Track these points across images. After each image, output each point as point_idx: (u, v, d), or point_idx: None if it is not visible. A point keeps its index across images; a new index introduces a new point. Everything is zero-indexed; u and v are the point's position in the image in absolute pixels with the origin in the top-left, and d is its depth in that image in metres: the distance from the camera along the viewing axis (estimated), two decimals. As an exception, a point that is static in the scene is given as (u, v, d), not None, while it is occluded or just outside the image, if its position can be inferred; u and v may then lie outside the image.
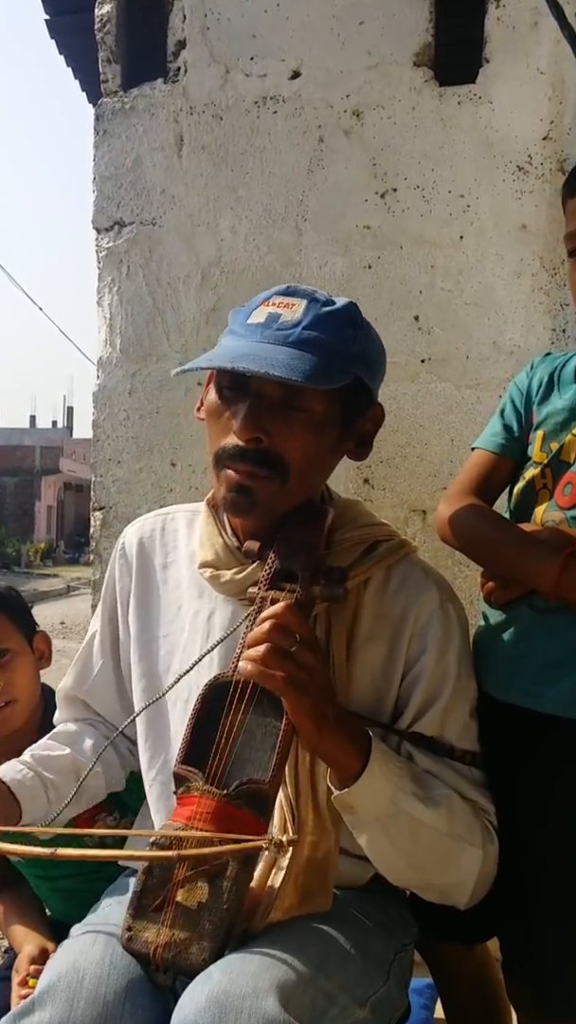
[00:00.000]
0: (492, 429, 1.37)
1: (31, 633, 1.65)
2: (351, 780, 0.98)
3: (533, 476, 1.27)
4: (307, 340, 1.05)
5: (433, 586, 1.15)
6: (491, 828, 1.09)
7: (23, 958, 1.43)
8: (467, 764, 1.11)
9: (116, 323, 2.26)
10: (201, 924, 0.92)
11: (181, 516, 1.28)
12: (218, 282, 2.20)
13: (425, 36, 2.09)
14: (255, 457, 1.05)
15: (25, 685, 1.58)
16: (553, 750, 1.19)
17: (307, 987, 0.91)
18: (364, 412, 1.15)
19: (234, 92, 2.18)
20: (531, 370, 1.35)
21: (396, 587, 1.14)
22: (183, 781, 0.98)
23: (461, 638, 1.16)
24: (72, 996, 0.93)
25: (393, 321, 2.11)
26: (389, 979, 1.05)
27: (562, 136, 2.04)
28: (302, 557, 1.04)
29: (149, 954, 0.94)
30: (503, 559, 1.24)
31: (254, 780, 0.94)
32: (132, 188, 2.25)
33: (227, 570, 1.13)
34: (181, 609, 1.21)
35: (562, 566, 1.13)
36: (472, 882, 1.07)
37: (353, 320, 1.11)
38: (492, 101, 2.06)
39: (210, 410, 1.11)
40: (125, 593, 1.27)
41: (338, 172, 2.13)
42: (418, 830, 1.01)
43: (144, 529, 1.29)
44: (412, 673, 1.12)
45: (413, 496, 2.12)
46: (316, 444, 1.08)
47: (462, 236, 2.08)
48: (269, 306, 1.08)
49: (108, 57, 2.28)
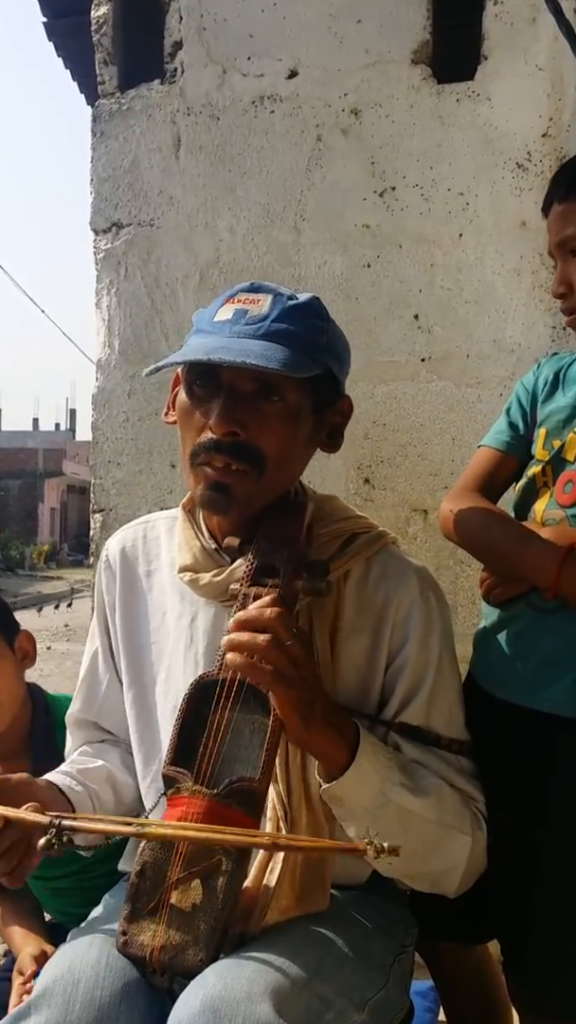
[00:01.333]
0: (498, 427, 1.38)
1: (12, 635, 1.63)
2: (339, 772, 0.98)
3: (534, 473, 1.27)
4: (278, 332, 1.05)
5: (413, 575, 1.15)
6: (479, 815, 1.09)
7: (25, 958, 1.43)
8: (454, 752, 1.11)
9: (115, 325, 2.26)
10: (196, 926, 0.91)
11: (161, 523, 1.28)
12: (217, 283, 2.19)
13: (423, 34, 2.08)
14: (232, 449, 1.05)
15: (6, 688, 1.56)
16: (551, 749, 1.19)
17: (302, 991, 0.91)
18: (334, 403, 1.15)
19: (231, 92, 2.18)
20: (538, 368, 1.37)
21: (376, 578, 1.15)
22: (172, 782, 0.97)
23: (443, 626, 1.16)
24: (68, 999, 0.92)
25: (393, 320, 2.10)
26: (389, 981, 1.05)
27: (561, 133, 2.03)
28: (283, 552, 1.03)
29: (145, 957, 0.93)
30: (503, 556, 1.24)
31: (244, 778, 0.93)
32: (130, 189, 2.25)
33: (206, 573, 1.13)
34: (166, 615, 1.21)
35: (561, 562, 1.13)
36: (462, 869, 1.07)
37: (319, 313, 1.12)
38: (491, 98, 2.05)
39: (182, 410, 1.11)
40: (112, 603, 1.26)
41: (336, 171, 2.13)
42: (407, 820, 1.01)
43: (126, 539, 1.28)
44: (396, 663, 1.12)
45: (414, 495, 2.11)
46: (292, 435, 1.09)
47: (461, 234, 2.07)
48: (235, 303, 1.09)
49: (105, 59, 2.28)
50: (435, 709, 1.11)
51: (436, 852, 1.06)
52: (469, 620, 1.78)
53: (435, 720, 1.11)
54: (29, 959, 1.42)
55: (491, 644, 1.26)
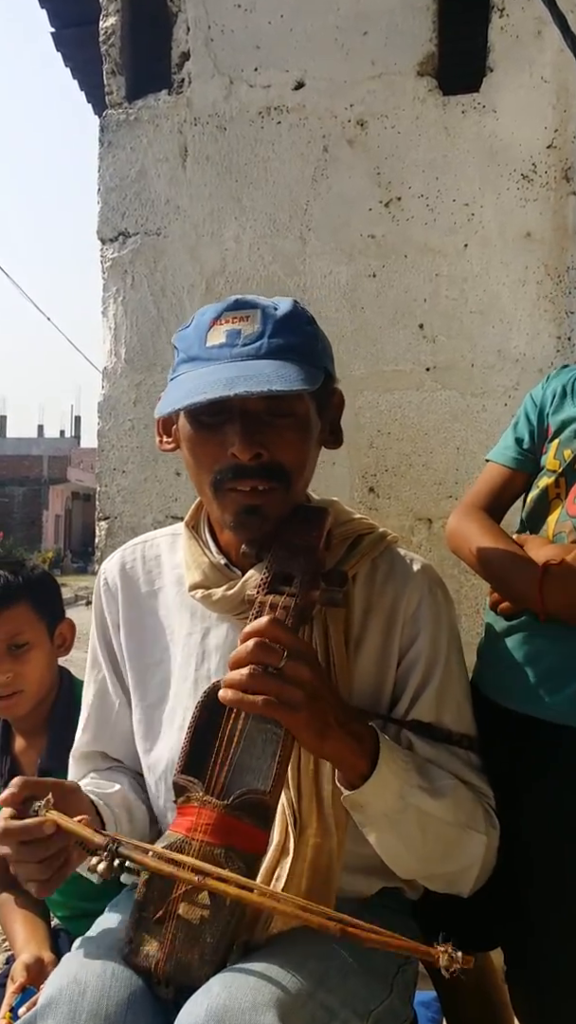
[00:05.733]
0: (505, 442, 1.38)
1: (56, 621, 1.64)
2: (360, 781, 0.98)
3: (547, 485, 1.27)
4: (280, 347, 1.05)
5: (419, 572, 1.16)
6: (491, 811, 1.10)
7: (18, 966, 1.44)
8: (464, 748, 1.12)
9: (121, 333, 2.26)
10: (202, 937, 0.91)
11: (161, 540, 1.27)
12: (223, 292, 2.20)
13: (429, 46, 2.10)
14: (259, 471, 1.05)
15: (35, 677, 1.58)
16: (554, 757, 1.19)
17: (307, 1001, 0.91)
18: (331, 400, 1.17)
19: (238, 103, 2.19)
20: (546, 382, 1.38)
21: (383, 578, 1.16)
22: (182, 791, 0.97)
23: (449, 621, 1.17)
24: (74, 1010, 0.92)
25: (398, 329, 2.11)
26: (392, 992, 1.05)
27: (566, 144, 2.04)
28: (301, 560, 1.03)
29: (150, 968, 0.93)
30: (498, 579, 1.26)
31: (254, 790, 0.93)
32: (137, 199, 2.26)
33: (217, 588, 1.13)
34: (173, 634, 1.20)
35: (540, 581, 1.14)
36: (477, 867, 1.08)
37: (305, 318, 1.12)
38: (496, 110, 2.06)
39: (191, 442, 1.10)
40: (116, 623, 1.25)
41: (342, 181, 2.14)
42: (426, 822, 1.02)
43: (125, 559, 1.27)
44: (407, 659, 1.13)
45: (419, 504, 2.12)
46: (307, 444, 1.10)
47: (466, 244, 2.08)
48: (224, 323, 1.07)
49: (113, 69, 2.29)
50: (445, 704, 1.12)
51: (453, 852, 1.06)
52: (473, 629, 1.78)
53: (445, 715, 1.12)
54: (21, 968, 1.43)
55: (495, 653, 1.26)
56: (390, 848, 1.05)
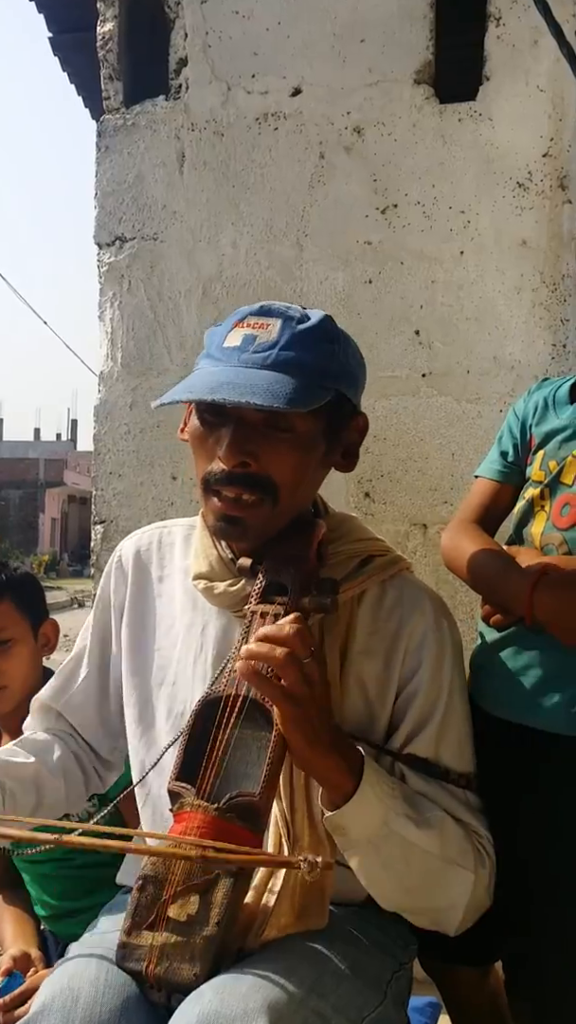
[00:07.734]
0: (490, 456, 1.40)
1: (39, 620, 1.65)
2: (342, 800, 0.97)
3: (533, 496, 1.28)
4: (285, 361, 1.03)
5: (428, 603, 1.15)
6: (484, 852, 1.07)
7: (5, 959, 1.47)
8: (462, 787, 1.09)
9: (117, 338, 2.27)
10: (192, 940, 0.91)
11: (178, 530, 1.27)
12: (219, 297, 2.20)
13: (426, 54, 2.11)
14: (244, 480, 1.04)
15: (19, 674, 1.60)
16: (547, 767, 1.19)
17: (299, 1007, 0.90)
18: (348, 423, 1.13)
19: (235, 109, 2.20)
20: (528, 395, 1.39)
21: (392, 603, 1.14)
22: (177, 798, 0.97)
23: (455, 656, 1.15)
24: (67, 1016, 0.92)
25: (394, 336, 2.12)
26: (386, 999, 1.04)
27: (562, 153, 2.05)
28: (291, 570, 1.03)
29: (141, 971, 0.93)
30: (490, 587, 1.26)
31: (244, 793, 0.93)
32: (134, 204, 2.26)
33: (221, 582, 1.12)
34: (175, 623, 1.20)
35: (531, 590, 1.14)
36: (463, 907, 1.05)
37: (329, 335, 1.09)
38: (492, 118, 2.08)
39: (194, 435, 1.10)
40: (120, 605, 1.26)
41: (339, 188, 2.15)
42: (410, 852, 1.00)
43: (141, 541, 1.28)
44: (407, 691, 1.11)
45: (414, 510, 2.12)
46: (304, 462, 1.07)
47: (462, 251, 2.09)
48: (244, 327, 1.06)
49: (110, 74, 2.30)
50: (445, 741, 1.10)
51: (437, 887, 1.04)
52: (466, 636, 1.78)
53: (444, 753, 1.10)
54: (8, 959, 1.46)
55: (488, 662, 1.27)
56: (372, 876, 1.03)
